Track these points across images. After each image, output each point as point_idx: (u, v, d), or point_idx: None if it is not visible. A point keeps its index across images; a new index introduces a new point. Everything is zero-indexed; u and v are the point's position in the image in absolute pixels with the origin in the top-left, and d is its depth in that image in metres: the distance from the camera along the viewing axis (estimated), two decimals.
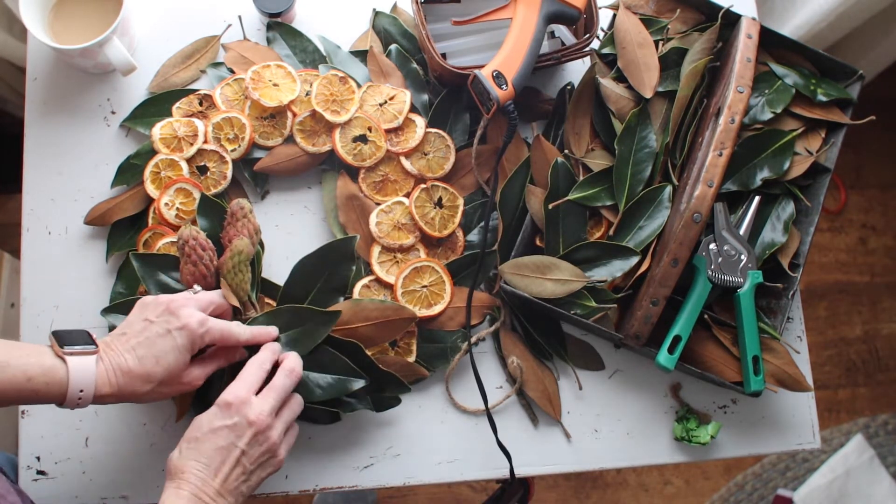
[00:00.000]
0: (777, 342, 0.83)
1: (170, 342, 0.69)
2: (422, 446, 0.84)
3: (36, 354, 0.66)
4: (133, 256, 0.79)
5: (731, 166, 0.85)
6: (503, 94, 0.78)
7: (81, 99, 0.90)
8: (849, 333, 1.79)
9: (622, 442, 0.86)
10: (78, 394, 0.66)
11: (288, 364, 0.73)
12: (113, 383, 0.67)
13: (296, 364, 0.74)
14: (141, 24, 0.93)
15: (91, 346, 0.68)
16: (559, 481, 1.63)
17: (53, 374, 0.65)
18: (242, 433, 0.68)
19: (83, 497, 0.80)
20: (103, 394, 0.67)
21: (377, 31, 0.93)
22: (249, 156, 0.87)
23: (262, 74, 0.87)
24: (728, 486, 1.66)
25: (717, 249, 0.82)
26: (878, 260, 1.82)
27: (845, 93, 0.88)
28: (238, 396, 0.69)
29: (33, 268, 0.85)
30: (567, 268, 0.82)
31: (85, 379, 0.66)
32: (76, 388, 0.66)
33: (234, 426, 0.68)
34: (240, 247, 0.77)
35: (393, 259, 0.85)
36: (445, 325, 0.84)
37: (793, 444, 0.87)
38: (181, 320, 0.69)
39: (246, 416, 0.68)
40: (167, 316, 0.70)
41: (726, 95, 0.80)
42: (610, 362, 0.88)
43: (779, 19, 1.45)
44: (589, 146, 0.86)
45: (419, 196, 0.86)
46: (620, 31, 0.86)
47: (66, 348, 0.67)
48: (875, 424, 1.72)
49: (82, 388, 0.66)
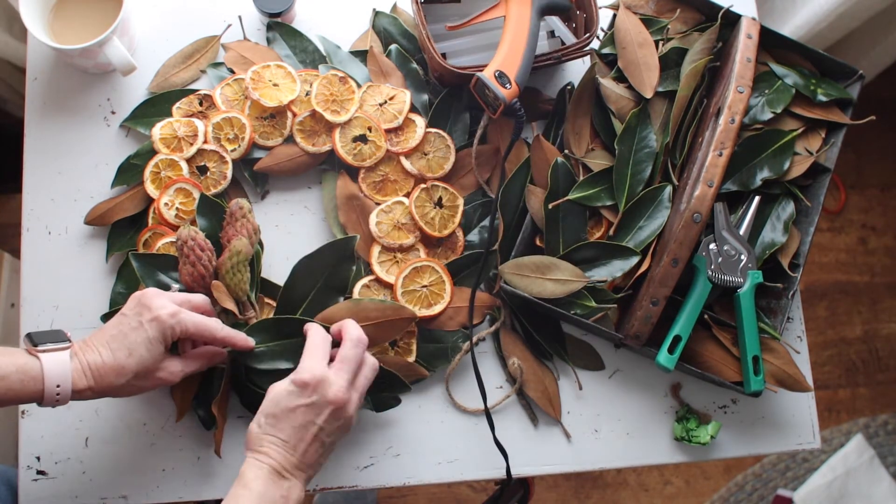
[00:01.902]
0: (777, 342, 0.83)
1: (142, 334, 0.69)
2: (422, 446, 0.84)
3: (8, 354, 0.66)
4: (132, 256, 0.79)
5: (731, 166, 0.84)
6: (508, 92, 0.78)
7: (81, 99, 0.90)
8: (849, 333, 1.79)
9: (622, 442, 0.86)
10: (55, 389, 0.66)
11: (353, 333, 0.74)
12: (89, 377, 0.68)
13: (360, 333, 0.74)
14: (141, 24, 0.93)
15: (64, 342, 0.69)
16: (559, 481, 1.63)
17: (27, 370, 0.66)
18: (321, 411, 0.69)
19: (83, 497, 0.80)
20: (80, 388, 0.67)
21: (377, 31, 0.93)
22: (249, 156, 0.87)
23: (262, 74, 0.87)
24: (728, 486, 1.66)
25: (717, 249, 0.82)
26: (878, 260, 1.82)
27: (845, 93, 0.88)
28: (315, 375, 0.69)
29: (33, 268, 0.85)
30: (567, 268, 0.82)
31: (60, 374, 0.67)
32: (52, 383, 0.66)
33: (313, 405, 0.69)
34: (238, 247, 0.77)
35: (393, 259, 0.85)
36: (445, 325, 0.84)
37: (793, 444, 0.87)
38: (152, 312, 0.70)
39: (325, 395, 0.69)
40: (139, 308, 0.70)
41: (726, 95, 0.80)
42: (610, 362, 0.88)
43: (779, 19, 1.45)
44: (589, 146, 0.86)
45: (419, 196, 0.86)
46: (620, 30, 0.86)
47: (40, 346, 0.68)
48: (875, 424, 1.72)
49: (58, 383, 0.66)
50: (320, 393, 0.69)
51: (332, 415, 0.69)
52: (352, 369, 0.72)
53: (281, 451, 0.67)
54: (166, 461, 0.81)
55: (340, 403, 0.69)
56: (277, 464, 0.67)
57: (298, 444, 0.68)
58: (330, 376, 0.70)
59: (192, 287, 0.77)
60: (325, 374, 0.70)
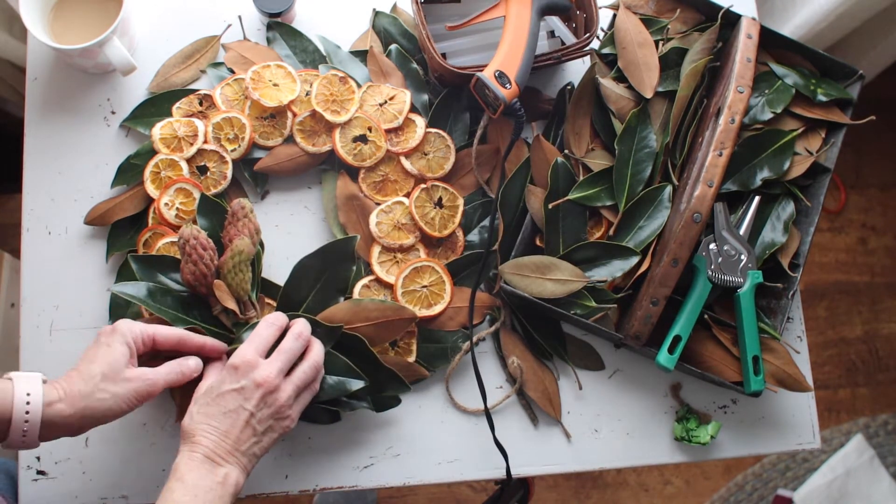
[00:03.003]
0: (777, 342, 0.83)
1: (104, 345, 0.70)
2: (422, 446, 0.84)
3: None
4: (132, 258, 0.79)
5: (731, 166, 0.85)
6: (508, 92, 0.78)
7: (81, 99, 0.90)
8: (849, 333, 1.79)
9: (622, 442, 0.86)
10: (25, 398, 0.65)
11: (296, 328, 0.74)
12: (59, 387, 0.67)
13: (303, 328, 0.75)
14: (141, 24, 0.93)
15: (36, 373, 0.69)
16: (559, 481, 1.63)
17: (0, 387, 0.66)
18: (250, 396, 0.69)
19: (83, 497, 0.80)
20: (52, 400, 0.66)
21: (377, 31, 0.93)
22: (249, 156, 0.87)
23: (262, 74, 0.87)
24: (728, 486, 1.66)
25: (717, 249, 0.82)
26: (878, 260, 1.82)
27: (845, 93, 0.88)
28: (244, 359, 0.70)
29: (33, 268, 0.85)
30: (567, 268, 0.82)
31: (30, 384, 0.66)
32: (22, 391, 0.65)
33: (242, 389, 0.69)
34: (240, 247, 0.77)
35: (393, 259, 0.85)
36: (445, 325, 0.84)
37: (793, 444, 0.87)
38: (115, 328, 0.71)
39: (253, 378, 0.69)
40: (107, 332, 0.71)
41: (726, 95, 0.80)
42: (610, 362, 0.88)
43: (779, 19, 1.45)
44: (589, 146, 0.86)
45: (419, 196, 0.86)
46: (620, 30, 0.86)
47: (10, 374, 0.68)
48: (875, 424, 1.72)
49: (29, 391, 0.66)
50: (248, 377, 0.69)
51: (262, 399, 0.69)
52: (287, 360, 0.72)
53: (213, 438, 0.67)
54: (166, 461, 0.81)
55: (269, 387, 0.69)
56: (210, 451, 0.66)
57: (230, 429, 0.68)
58: (260, 361, 0.71)
59: (194, 286, 0.77)
60: (255, 359, 0.70)
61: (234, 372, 0.70)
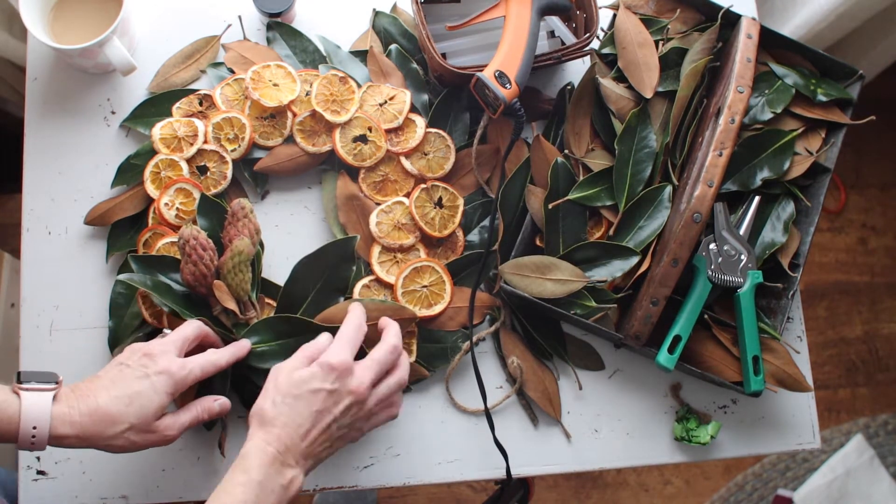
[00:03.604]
0: (777, 342, 0.83)
1: (146, 384, 0.67)
2: (422, 446, 0.84)
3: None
4: (132, 258, 0.79)
5: (731, 166, 0.85)
6: (508, 92, 0.78)
7: (81, 99, 0.90)
8: (849, 333, 1.79)
9: (622, 442, 0.86)
10: (31, 430, 0.63)
11: (392, 339, 0.72)
12: (76, 423, 0.64)
13: (398, 342, 0.72)
14: (141, 24, 0.93)
15: (49, 384, 0.66)
16: (559, 481, 1.63)
17: (5, 408, 0.63)
18: (339, 401, 0.67)
19: (83, 497, 0.80)
20: (61, 434, 0.64)
21: (377, 31, 0.93)
22: (249, 156, 0.87)
23: (262, 74, 0.87)
24: (728, 486, 1.66)
25: (717, 249, 0.82)
26: (878, 260, 1.82)
27: (845, 93, 0.88)
28: (343, 362, 0.67)
29: (33, 268, 0.85)
30: (567, 268, 0.82)
31: (38, 416, 0.63)
32: (28, 425, 0.63)
33: (335, 392, 0.67)
34: (240, 247, 0.77)
35: (393, 259, 0.85)
36: (445, 325, 0.84)
37: (793, 444, 0.87)
38: (159, 365, 0.68)
39: (348, 385, 0.67)
40: (144, 360, 0.68)
41: (726, 95, 0.80)
42: (610, 362, 0.88)
43: (779, 19, 1.45)
44: (589, 146, 0.86)
45: (419, 196, 0.86)
46: (620, 31, 0.86)
47: (24, 384, 0.65)
48: (875, 424, 1.72)
49: (35, 425, 0.63)
50: (344, 381, 0.67)
51: (349, 408, 0.67)
52: (379, 372, 0.70)
53: (291, 435, 0.65)
54: (166, 461, 0.81)
55: (359, 398, 0.67)
56: (286, 448, 0.64)
57: (311, 429, 0.65)
58: (357, 368, 0.68)
59: (194, 286, 0.77)
60: (353, 365, 0.68)
61: (331, 372, 0.67)
